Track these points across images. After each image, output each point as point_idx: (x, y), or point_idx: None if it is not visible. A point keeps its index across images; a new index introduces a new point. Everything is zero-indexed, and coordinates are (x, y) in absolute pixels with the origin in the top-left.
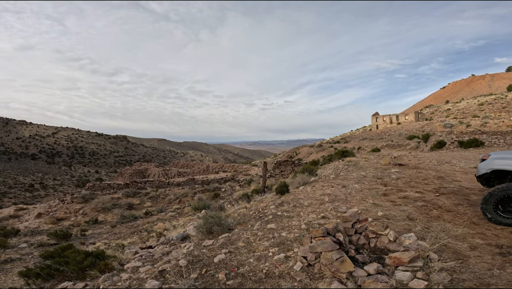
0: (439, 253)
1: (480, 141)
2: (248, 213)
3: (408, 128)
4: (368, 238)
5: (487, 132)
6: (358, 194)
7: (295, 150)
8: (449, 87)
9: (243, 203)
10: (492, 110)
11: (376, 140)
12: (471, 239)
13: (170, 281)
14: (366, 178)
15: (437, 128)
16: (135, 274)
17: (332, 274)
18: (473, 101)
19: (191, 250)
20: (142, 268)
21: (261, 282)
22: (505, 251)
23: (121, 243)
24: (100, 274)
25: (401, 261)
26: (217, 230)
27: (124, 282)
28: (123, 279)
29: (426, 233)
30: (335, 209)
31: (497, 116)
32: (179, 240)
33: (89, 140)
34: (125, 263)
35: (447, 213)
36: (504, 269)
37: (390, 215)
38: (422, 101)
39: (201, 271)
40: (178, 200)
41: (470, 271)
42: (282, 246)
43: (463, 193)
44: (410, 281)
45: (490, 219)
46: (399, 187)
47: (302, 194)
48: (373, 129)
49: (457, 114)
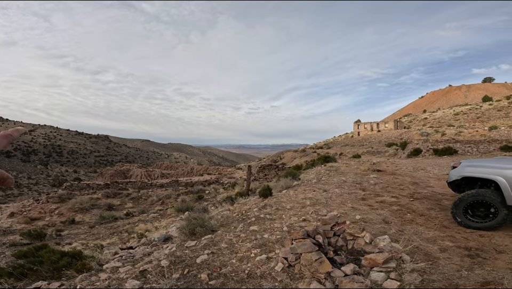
0: (411, 255)
1: (454, 149)
2: (231, 215)
3: (387, 136)
4: (346, 240)
5: (461, 141)
6: (338, 198)
7: (279, 155)
8: (427, 96)
9: (227, 205)
10: (467, 120)
11: (357, 147)
12: (441, 241)
13: (152, 281)
14: (346, 183)
15: (414, 136)
16: (115, 274)
17: (311, 274)
18: (449, 110)
19: (174, 251)
20: (122, 268)
21: (243, 282)
22: (473, 254)
23: (100, 244)
24: (77, 274)
25: (376, 262)
26: (200, 231)
27: (103, 282)
28: (102, 279)
29: (400, 236)
30: (316, 213)
31: (471, 126)
32: (161, 241)
33: (69, 139)
34: (103, 263)
35: (420, 216)
36: (472, 270)
37: (367, 219)
38: (402, 110)
39: (183, 271)
40: (161, 201)
41: (440, 272)
42: (264, 247)
43: (436, 198)
44: (384, 282)
45: (460, 223)
46: (377, 192)
47: (284, 197)
48: (355, 136)
49: (433, 123)
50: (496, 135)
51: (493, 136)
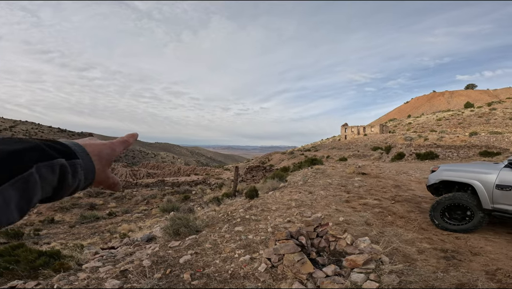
0: (390, 256)
1: (435, 154)
2: (217, 215)
3: (373, 140)
4: (329, 241)
5: (442, 146)
6: (323, 200)
7: (267, 156)
8: (412, 102)
9: (213, 206)
10: (449, 126)
11: (344, 150)
12: (419, 243)
13: (133, 280)
14: (332, 185)
15: (398, 140)
16: (94, 274)
17: (294, 275)
18: (432, 116)
19: (156, 251)
20: (102, 268)
21: (226, 283)
22: (449, 255)
23: (80, 244)
24: (55, 274)
25: (356, 263)
26: (185, 232)
27: (81, 282)
28: (80, 279)
29: (381, 237)
30: (300, 214)
31: (452, 131)
32: (144, 241)
33: (50, 136)
34: (83, 263)
35: (400, 219)
36: (447, 272)
37: (350, 220)
38: (387, 114)
39: (165, 271)
40: (146, 201)
41: (417, 273)
42: (248, 248)
43: (416, 201)
44: (364, 283)
45: (438, 226)
46: (360, 195)
47: (270, 199)
48: (342, 139)
49: (417, 128)
50: (476, 141)
51: (473, 141)
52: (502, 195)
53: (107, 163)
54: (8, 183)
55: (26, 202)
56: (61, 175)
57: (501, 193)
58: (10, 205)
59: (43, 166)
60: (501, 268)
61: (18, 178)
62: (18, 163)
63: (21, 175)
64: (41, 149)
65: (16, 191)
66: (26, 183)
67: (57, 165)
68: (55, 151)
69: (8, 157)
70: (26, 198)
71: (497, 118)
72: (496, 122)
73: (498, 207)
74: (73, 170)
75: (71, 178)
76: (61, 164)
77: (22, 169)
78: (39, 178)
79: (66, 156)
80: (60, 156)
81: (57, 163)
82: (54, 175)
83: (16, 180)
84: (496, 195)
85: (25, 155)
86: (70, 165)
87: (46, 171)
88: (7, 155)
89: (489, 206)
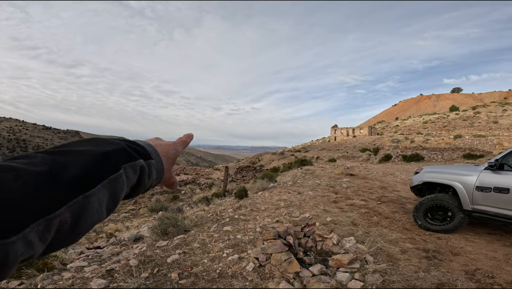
0: (374, 256)
1: (421, 156)
2: (206, 215)
3: (362, 141)
4: (316, 241)
5: (427, 148)
6: (311, 200)
7: (258, 156)
8: (400, 104)
9: (202, 206)
10: (434, 128)
11: (333, 151)
12: (403, 243)
13: (119, 280)
14: (320, 186)
15: (386, 142)
16: (79, 273)
17: (281, 274)
18: (419, 119)
19: (144, 250)
20: (87, 268)
21: (214, 282)
22: (430, 255)
23: None
24: (38, 273)
25: (341, 263)
26: (173, 231)
27: (66, 281)
28: (65, 278)
29: (366, 237)
30: (289, 214)
31: (438, 134)
32: (131, 241)
33: (35, 133)
34: (67, 262)
35: (385, 219)
36: (428, 272)
37: (337, 221)
38: (376, 116)
39: (153, 270)
40: (134, 201)
41: (399, 273)
42: (236, 248)
43: (401, 202)
44: (349, 282)
45: (420, 226)
46: (348, 196)
47: (260, 199)
48: (332, 141)
49: (404, 130)
50: (460, 144)
51: (457, 144)
52: (482, 197)
53: (172, 163)
54: (101, 183)
55: (114, 202)
56: (139, 175)
57: (480, 194)
58: (102, 205)
59: (128, 166)
60: (480, 268)
61: (110, 178)
62: (111, 165)
63: (113, 175)
64: (126, 151)
65: (107, 191)
66: (116, 183)
67: (138, 166)
68: (135, 152)
69: (102, 158)
70: (114, 197)
71: (481, 122)
72: (480, 126)
73: (478, 208)
74: (149, 171)
75: (147, 178)
76: (141, 165)
77: (114, 170)
78: (126, 179)
79: (144, 157)
80: (140, 157)
81: (138, 164)
82: (135, 176)
83: (109, 180)
84: (476, 196)
85: (115, 156)
86: (147, 165)
87: (130, 171)
88: (101, 156)
89: (469, 207)
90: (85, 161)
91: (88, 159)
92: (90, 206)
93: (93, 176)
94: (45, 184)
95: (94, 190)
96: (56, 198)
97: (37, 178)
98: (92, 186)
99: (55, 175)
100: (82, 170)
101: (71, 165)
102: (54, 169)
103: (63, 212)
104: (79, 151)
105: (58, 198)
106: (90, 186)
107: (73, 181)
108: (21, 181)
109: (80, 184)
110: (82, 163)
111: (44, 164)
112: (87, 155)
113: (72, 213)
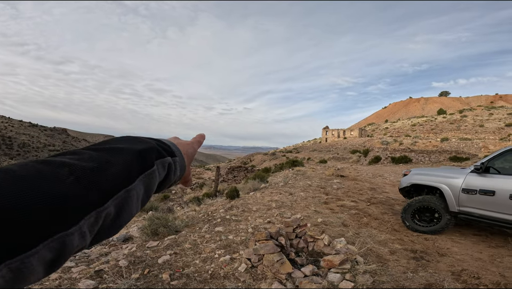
0: (364, 256)
1: (409, 158)
2: (197, 215)
3: (352, 143)
4: (307, 242)
5: (415, 150)
6: (302, 201)
7: (249, 157)
8: (389, 107)
9: (193, 206)
10: (422, 131)
11: (324, 152)
12: (391, 244)
13: (108, 281)
14: (311, 187)
15: (375, 144)
16: (66, 274)
17: (273, 275)
18: (408, 121)
19: (133, 251)
20: (75, 268)
21: (206, 283)
22: (418, 256)
23: None
24: None
25: (333, 264)
26: (163, 232)
27: (53, 282)
28: (51, 279)
29: (356, 238)
30: (280, 215)
31: (425, 136)
32: (120, 241)
33: (21, 130)
34: None
35: (374, 220)
36: (416, 273)
37: (328, 222)
38: (366, 118)
39: (143, 271)
40: None
41: (389, 273)
42: (228, 248)
43: (389, 203)
44: (340, 283)
45: (408, 227)
46: (338, 197)
47: (251, 199)
48: (323, 142)
49: (393, 132)
50: (447, 146)
51: (444, 147)
52: (468, 199)
53: (190, 161)
54: (139, 178)
55: (147, 195)
56: (167, 172)
57: (466, 196)
58: (139, 198)
59: (159, 163)
60: (466, 269)
61: (146, 173)
62: (147, 161)
63: (149, 171)
64: (157, 149)
65: (143, 185)
66: (151, 178)
67: (167, 163)
68: (164, 150)
69: (139, 155)
70: (148, 191)
71: (468, 125)
72: (466, 129)
73: (464, 209)
74: (175, 167)
75: (173, 174)
76: (169, 162)
77: (149, 166)
78: (158, 174)
79: (170, 155)
80: (167, 155)
81: (167, 162)
82: (164, 171)
83: (145, 175)
84: (462, 198)
85: (149, 154)
86: (174, 162)
87: (161, 167)
88: (138, 153)
89: (455, 208)
90: (126, 158)
91: (128, 156)
92: (130, 199)
93: (132, 171)
94: (95, 179)
95: (133, 185)
96: (105, 192)
97: (88, 174)
98: (132, 181)
99: (103, 170)
100: (125, 167)
101: (115, 161)
102: (102, 165)
103: (109, 205)
104: (119, 148)
105: (107, 192)
106: (131, 181)
107: (118, 176)
108: (75, 176)
109: (123, 179)
110: (124, 160)
111: (93, 160)
112: (127, 153)
113: (116, 206)
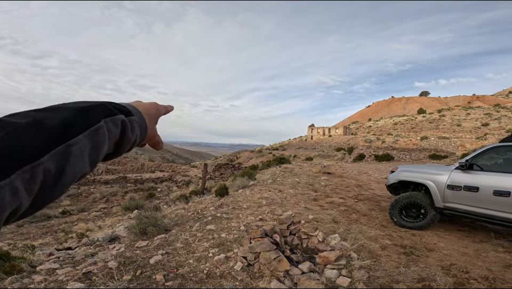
0: (358, 252)
1: (391, 156)
2: (186, 214)
3: (337, 141)
4: (301, 239)
5: (397, 148)
6: (292, 198)
7: (236, 154)
8: (373, 106)
9: (181, 204)
10: (403, 130)
11: (310, 150)
12: (382, 240)
13: (99, 283)
14: (300, 184)
15: (359, 142)
16: (52, 276)
17: (271, 273)
18: (390, 120)
19: (122, 251)
20: (60, 270)
21: (203, 283)
22: (408, 251)
23: (31, 244)
24: (6, 276)
25: (329, 260)
26: (153, 231)
27: (38, 285)
28: (36, 281)
29: (347, 235)
30: (271, 212)
31: (406, 135)
32: (106, 242)
33: None
34: (36, 265)
35: (363, 216)
36: (408, 267)
37: (319, 218)
38: (351, 117)
39: (135, 272)
40: (106, 199)
41: (383, 269)
42: (222, 247)
43: (376, 200)
44: (337, 279)
45: (396, 223)
46: (327, 194)
47: (241, 197)
48: (308, 140)
49: (376, 131)
50: (426, 145)
51: (423, 145)
52: (453, 195)
53: (154, 121)
54: (83, 134)
55: (97, 153)
56: (122, 130)
57: (451, 193)
58: (85, 155)
59: (109, 120)
60: (455, 263)
61: (92, 129)
62: (91, 117)
63: (94, 127)
64: (106, 107)
65: (89, 142)
66: (97, 134)
67: (119, 120)
68: (116, 109)
69: (82, 111)
70: (97, 149)
71: (446, 124)
72: (445, 128)
73: (449, 205)
74: (131, 126)
75: (130, 132)
76: (122, 120)
77: (94, 122)
78: (107, 131)
79: (125, 114)
80: (120, 113)
81: (119, 119)
82: (117, 129)
83: (90, 131)
84: (447, 194)
85: (95, 110)
86: (129, 120)
87: (111, 125)
88: (81, 109)
89: (441, 204)
90: (66, 114)
91: (67, 112)
92: (72, 155)
93: (73, 126)
94: (28, 133)
95: (76, 139)
96: (39, 145)
97: (20, 128)
98: (73, 136)
99: (38, 124)
100: (63, 121)
101: (53, 117)
102: (37, 120)
103: (46, 160)
104: (60, 107)
105: (41, 145)
106: (72, 135)
107: (55, 130)
108: (5, 131)
109: (62, 133)
110: (64, 115)
111: (27, 117)
112: (66, 110)
113: (55, 162)
